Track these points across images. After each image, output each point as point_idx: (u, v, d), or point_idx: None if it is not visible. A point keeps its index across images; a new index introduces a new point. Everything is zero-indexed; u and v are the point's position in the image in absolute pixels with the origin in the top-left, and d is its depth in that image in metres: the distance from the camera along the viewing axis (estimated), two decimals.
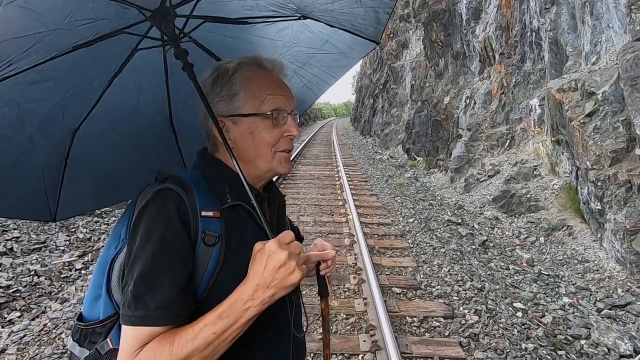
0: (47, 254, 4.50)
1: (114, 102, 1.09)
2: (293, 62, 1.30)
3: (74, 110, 1.05)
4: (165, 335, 0.71)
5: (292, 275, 0.71)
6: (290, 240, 0.74)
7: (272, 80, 0.90)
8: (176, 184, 0.80)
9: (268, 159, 0.88)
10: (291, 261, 0.71)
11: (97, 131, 1.12)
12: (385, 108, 18.73)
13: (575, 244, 5.00)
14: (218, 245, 0.79)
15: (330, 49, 1.29)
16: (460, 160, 8.68)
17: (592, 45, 5.77)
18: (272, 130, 0.86)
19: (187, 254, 0.76)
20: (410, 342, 2.79)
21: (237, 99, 0.87)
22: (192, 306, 0.76)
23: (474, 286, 3.70)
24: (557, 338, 3.08)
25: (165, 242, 0.74)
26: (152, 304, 0.71)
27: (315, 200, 7.42)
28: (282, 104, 0.87)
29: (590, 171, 4.68)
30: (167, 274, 0.73)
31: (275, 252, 0.70)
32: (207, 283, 0.77)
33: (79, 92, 1.03)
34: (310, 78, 1.39)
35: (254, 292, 0.70)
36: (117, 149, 1.21)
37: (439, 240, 5.10)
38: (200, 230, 0.77)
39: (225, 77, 0.88)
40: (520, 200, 6.39)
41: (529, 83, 7.76)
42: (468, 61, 10.54)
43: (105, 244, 0.87)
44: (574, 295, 3.93)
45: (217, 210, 0.81)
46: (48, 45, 0.81)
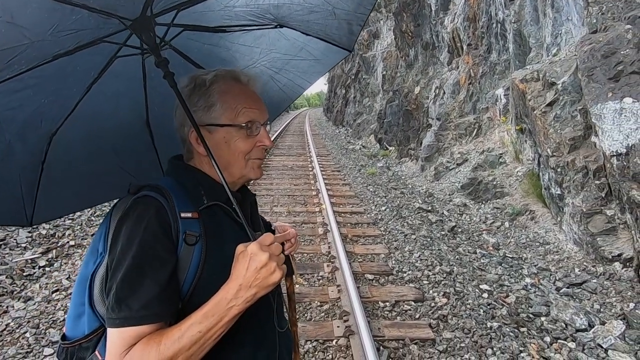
0: (7, 252, 4.29)
1: (92, 107, 1.12)
2: (269, 67, 1.37)
3: (52, 115, 1.07)
4: (152, 336, 0.74)
5: (272, 275, 0.75)
6: (270, 242, 0.78)
7: (248, 94, 0.95)
8: (153, 191, 0.85)
9: (241, 166, 0.94)
10: (272, 262, 0.75)
11: (74, 135, 1.14)
12: (358, 98, 18.84)
13: (537, 227, 5.26)
14: (199, 244, 0.83)
15: (306, 55, 1.36)
16: (430, 149, 8.88)
17: (553, 37, 6.01)
18: (246, 140, 0.92)
19: (168, 255, 0.79)
20: (383, 326, 2.88)
21: (213, 109, 0.92)
22: (175, 304, 0.79)
23: (443, 270, 3.84)
24: (519, 316, 3.25)
25: (145, 245, 0.78)
26: (135, 305, 0.74)
27: (289, 191, 7.42)
28: (256, 117, 0.93)
29: (551, 158, 4.91)
30: (149, 275, 0.76)
31: (257, 253, 0.74)
32: (191, 281, 0.82)
33: (57, 99, 1.05)
34: (285, 82, 1.45)
35: (237, 292, 0.74)
36: (94, 152, 1.23)
37: (410, 227, 5.24)
38: (181, 231, 0.82)
39: (203, 88, 0.92)
40: (486, 187, 6.63)
41: (495, 73, 8.00)
42: (437, 52, 10.73)
43: (83, 262, 0.90)
44: (536, 276, 4.15)
45: (195, 211, 0.86)
46: (30, 55, 0.83)
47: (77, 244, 4.71)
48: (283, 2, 1.18)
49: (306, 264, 4.04)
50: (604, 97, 4.25)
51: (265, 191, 7.38)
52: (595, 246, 4.12)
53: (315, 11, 1.20)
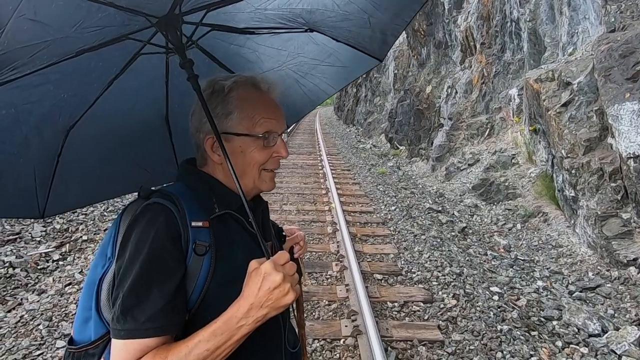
0: (22, 245, 4.38)
1: (111, 103, 1.11)
2: (296, 71, 1.35)
3: (71, 110, 1.07)
4: (158, 351, 0.72)
5: (286, 297, 0.73)
6: (285, 261, 0.76)
7: (267, 102, 0.93)
8: (163, 198, 0.83)
9: (255, 177, 0.92)
10: (286, 283, 0.73)
11: (92, 130, 1.14)
12: (369, 97, 18.76)
13: (550, 230, 5.18)
14: (208, 254, 0.81)
15: (334, 61, 1.33)
16: (442, 149, 8.79)
17: (569, 36, 5.90)
18: (262, 151, 0.90)
19: (176, 265, 0.77)
20: (391, 326, 2.86)
21: (231, 117, 0.89)
22: (182, 316, 0.77)
23: (453, 271, 3.80)
24: (530, 320, 3.20)
25: (154, 254, 0.76)
26: (141, 317, 0.72)
27: (299, 189, 7.43)
28: (273, 127, 0.91)
29: (565, 159, 4.82)
30: (156, 286, 0.74)
31: (271, 273, 0.72)
32: (199, 292, 0.79)
33: (77, 94, 1.05)
34: (310, 87, 1.42)
35: (248, 311, 0.72)
36: (110, 146, 1.23)
37: (420, 228, 5.20)
38: (191, 240, 0.80)
39: (221, 95, 0.90)
40: (498, 188, 6.54)
41: (509, 73, 7.88)
42: (450, 51, 10.62)
43: (91, 265, 0.88)
44: (548, 279, 4.09)
45: (205, 220, 0.83)
46: (53, 51, 0.82)
47: (90, 238, 4.78)
48: (317, 7, 1.15)
49: (315, 263, 4.04)
50: (621, 98, 4.15)
51: (275, 189, 7.38)
52: (610, 250, 4.04)
53: (350, 19, 1.17)
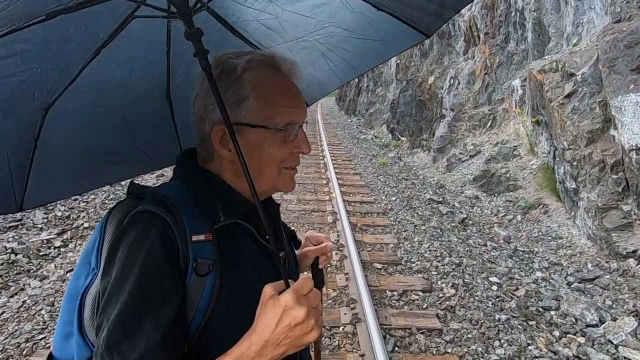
0: (24, 232, 4.41)
1: (100, 75, 0.94)
2: (324, 43, 1.15)
3: (48, 86, 0.89)
4: None
5: (309, 335, 0.61)
6: (309, 290, 0.63)
7: (288, 87, 0.78)
8: (158, 204, 0.69)
9: (273, 177, 0.78)
10: (310, 319, 0.60)
11: (76, 107, 0.97)
12: (370, 87, 18.65)
13: (550, 221, 5.18)
14: (212, 273, 0.68)
15: (371, 34, 1.11)
16: (443, 140, 8.77)
17: (574, 27, 5.83)
18: (282, 146, 0.76)
19: (173, 290, 0.65)
20: (390, 315, 2.88)
21: (245, 105, 0.74)
22: (181, 348, 0.66)
23: (452, 262, 3.82)
24: (528, 310, 3.23)
25: (146, 277, 0.63)
26: (131, 354, 0.60)
27: (299, 179, 7.43)
28: (296, 117, 0.77)
29: (567, 151, 4.81)
30: (149, 316, 0.62)
31: (293, 307, 0.60)
32: (201, 317, 0.68)
33: (55, 66, 0.87)
34: (338, 63, 1.20)
35: (262, 349, 0.61)
36: (101, 126, 1.05)
37: (420, 218, 5.21)
38: (191, 258, 0.67)
39: (232, 77, 0.74)
40: (499, 179, 6.54)
41: (512, 64, 7.81)
42: (453, 41, 10.52)
43: (74, 273, 0.75)
44: (547, 270, 4.10)
45: (208, 231, 0.70)
46: (12, 13, 0.64)
47: (91, 226, 4.81)
48: None
49: None
50: (625, 89, 4.12)
51: None
52: (610, 242, 4.05)
53: None
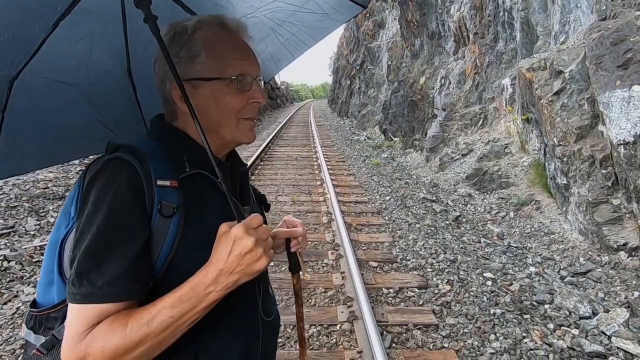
0: (16, 239, 4.36)
1: (60, 49, 0.96)
2: (271, 18, 1.21)
3: (10, 57, 0.91)
4: (117, 316, 0.66)
5: (258, 262, 0.69)
6: (258, 224, 0.71)
7: (238, 42, 0.84)
8: (128, 153, 0.75)
9: (232, 127, 0.83)
10: (258, 247, 0.68)
11: (41, 81, 0.99)
12: (362, 89, 18.74)
13: (543, 217, 5.25)
14: (177, 216, 0.74)
15: (314, 8, 1.19)
16: (435, 139, 8.84)
17: (561, 25, 5.93)
18: (237, 96, 0.81)
19: (138, 226, 0.71)
20: (386, 312, 2.90)
21: (198, 61, 0.80)
22: (146, 282, 0.71)
23: (447, 258, 3.85)
24: (523, 304, 3.26)
25: (113, 213, 0.69)
26: (98, 280, 0.66)
27: (294, 181, 7.44)
28: (247, 69, 0.83)
29: (557, 147, 4.88)
30: (115, 248, 0.68)
31: (242, 237, 0.67)
32: (165, 257, 0.73)
33: (15, 37, 0.89)
34: (288, 37, 1.28)
35: (217, 277, 0.67)
36: (65, 102, 1.08)
37: (415, 217, 5.24)
38: (156, 200, 0.72)
39: (185, 36, 0.81)
40: (492, 177, 6.61)
41: (502, 63, 7.91)
42: (443, 41, 10.62)
43: (55, 224, 0.80)
44: (540, 265, 4.15)
45: (174, 179, 0.76)
46: None
47: None
48: None
49: (311, 252, 4.07)
50: (612, 85, 4.19)
51: (270, 181, 7.41)
52: (601, 235, 4.11)
53: None
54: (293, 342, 2.63)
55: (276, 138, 13.94)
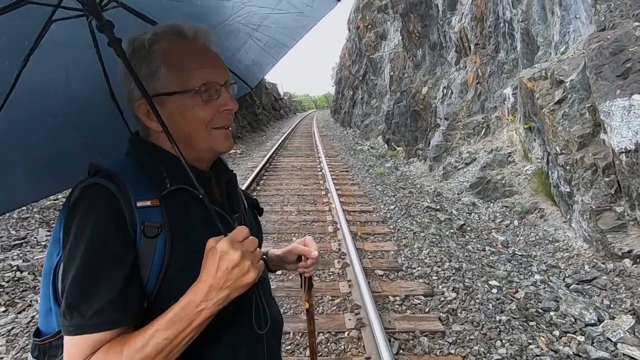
0: (28, 250, 4.44)
1: (37, 81, 0.97)
2: (246, 24, 1.16)
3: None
4: (112, 344, 0.66)
5: (246, 275, 0.68)
6: (244, 237, 0.70)
7: (198, 50, 0.79)
8: (105, 177, 0.73)
9: (205, 138, 0.80)
10: (245, 261, 0.68)
11: (23, 114, 1.00)
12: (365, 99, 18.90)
13: (547, 225, 5.28)
14: (162, 236, 0.73)
15: (287, 7, 1.15)
16: (439, 149, 8.91)
17: (561, 36, 6.03)
18: (204, 107, 0.77)
19: (122, 252, 0.69)
20: (393, 319, 2.94)
21: (158, 76, 0.77)
22: (137, 306, 0.70)
23: (452, 266, 3.89)
24: (528, 311, 3.29)
25: (95, 242, 0.68)
26: (88, 311, 0.65)
27: (298, 191, 7.51)
28: (212, 77, 0.78)
29: (560, 156, 4.93)
30: (101, 277, 0.67)
31: (228, 252, 0.67)
32: (156, 277, 0.72)
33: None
34: (266, 41, 1.24)
35: (208, 294, 0.67)
36: (54, 132, 1.08)
37: (419, 226, 5.29)
38: (138, 222, 0.71)
39: (143, 52, 0.78)
40: (495, 186, 6.65)
41: (503, 72, 8.01)
42: (445, 52, 10.76)
43: (47, 253, 0.79)
44: (545, 273, 4.18)
45: (155, 198, 0.74)
46: None
47: None
48: None
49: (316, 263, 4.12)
50: (613, 95, 4.27)
51: (275, 191, 7.49)
52: (605, 243, 4.14)
53: None
54: (302, 349, 2.68)
55: (280, 149, 14.07)
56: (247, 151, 14.35)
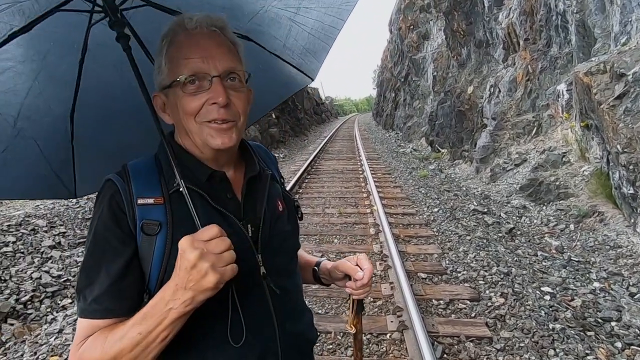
0: None
1: (97, 80, 1.06)
2: (284, 8, 1.10)
3: (57, 95, 1.04)
4: (103, 330, 0.69)
5: (204, 279, 0.63)
6: (209, 236, 0.65)
7: (193, 41, 0.76)
8: (118, 173, 0.78)
9: (197, 132, 0.77)
10: (202, 262, 0.62)
11: (92, 112, 1.11)
12: (407, 101, 18.57)
13: (607, 230, 4.90)
14: (162, 233, 0.73)
15: None
16: (486, 150, 8.56)
17: (621, 26, 5.59)
18: (189, 99, 0.75)
19: (120, 246, 0.72)
20: (437, 323, 2.87)
21: (161, 69, 0.79)
22: (133, 299, 0.72)
23: (500, 271, 3.72)
24: (586, 320, 3.07)
25: (98, 234, 0.73)
26: (89, 297, 0.70)
27: (340, 193, 7.53)
28: (200, 68, 0.75)
29: (622, 155, 4.57)
30: (102, 267, 0.71)
31: (185, 251, 0.63)
32: (157, 274, 0.73)
33: (52, 78, 1.01)
34: (312, 25, 1.17)
35: (174, 293, 0.65)
36: (117, 125, 1.18)
37: (465, 229, 5.11)
38: (138, 219, 0.73)
39: (158, 47, 0.80)
40: (548, 188, 6.27)
41: (556, 68, 7.56)
42: (491, 49, 10.34)
43: None
44: (606, 280, 3.88)
45: (160, 196, 0.75)
46: None
47: None
48: None
49: None
50: None
51: (317, 193, 7.56)
52: None
53: None
54: (344, 349, 2.68)
55: (322, 152, 14.18)
56: (289, 155, 14.60)
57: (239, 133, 0.81)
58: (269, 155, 1.03)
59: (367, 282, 0.91)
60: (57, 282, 3.97)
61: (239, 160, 0.90)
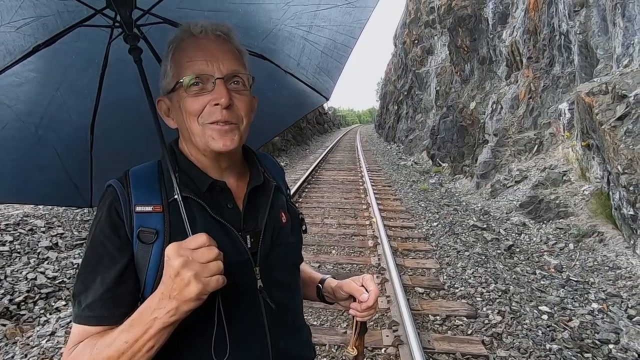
0: None
1: (117, 94, 1.10)
2: (297, 26, 1.12)
3: (77, 106, 1.08)
4: (94, 337, 0.69)
5: (187, 288, 0.61)
6: (197, 245, 0.63)
7: (198, 45, 0.77)
8: (119, 179, 0.78)
9: (199, 134, 0.77)
10: (186, 271, 0.61)
11: (111, 123, 1.14)
12: (410, 114, 18.67)
13: (607, 250, 4.87)
14: (159, 242, 0.72)
15: (332, 0, 1.08)
16: (487, 165, 8.57)
17: (624, 48, 5.65)
18: (193, 99, 0.76)
19: (116, 253, 0.72)
20: (433, 339, 2.84)
21: (167, 73, 0.80)
22: (126, 307, 0.71)
23: (498, 288, 3.70)
24: (584, 341, 3.04)
25: (95, 241, 0.72)
26: (83, 303, 0.70)
27: (339, 204, 7.52)
28: (203, 69, 0.75)
29: (622, 175, 4.57)
30: (97, 274, 0.71)
31: (170, 258, 0.62)
32: (152, 283, 0.71)
33: (73, 90, 1.05)
34: (324, 43, 1.18)
35: (160, 301, 0.64)
36: (133, 136, 1.20)
37: (464, 244, 5.09)
38: (135, 226, 0.72)
39: (165, 53, 0.82)
40: (548, 206, 6.27)
41: (558, 87, 7.62)
42: (494, 66, 10.43)
43: None
44: (604, 302, 3.85)
45: (158, 204, 0.75)
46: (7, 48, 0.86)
47: None
48: None
49: (356, 275, 4.08)
50: None
51: (316, 203, 7.55)
52: None
53: None
54: None
55: (323, 162, 14.21)
56: (290, 164, 14.63)
57: (241, 137, 0.80)
58: (276, 165, 1.01)
59: (372, 304, 0.88)
60: (52, 284, 3.95)
61: (244, 169, 0.89)
